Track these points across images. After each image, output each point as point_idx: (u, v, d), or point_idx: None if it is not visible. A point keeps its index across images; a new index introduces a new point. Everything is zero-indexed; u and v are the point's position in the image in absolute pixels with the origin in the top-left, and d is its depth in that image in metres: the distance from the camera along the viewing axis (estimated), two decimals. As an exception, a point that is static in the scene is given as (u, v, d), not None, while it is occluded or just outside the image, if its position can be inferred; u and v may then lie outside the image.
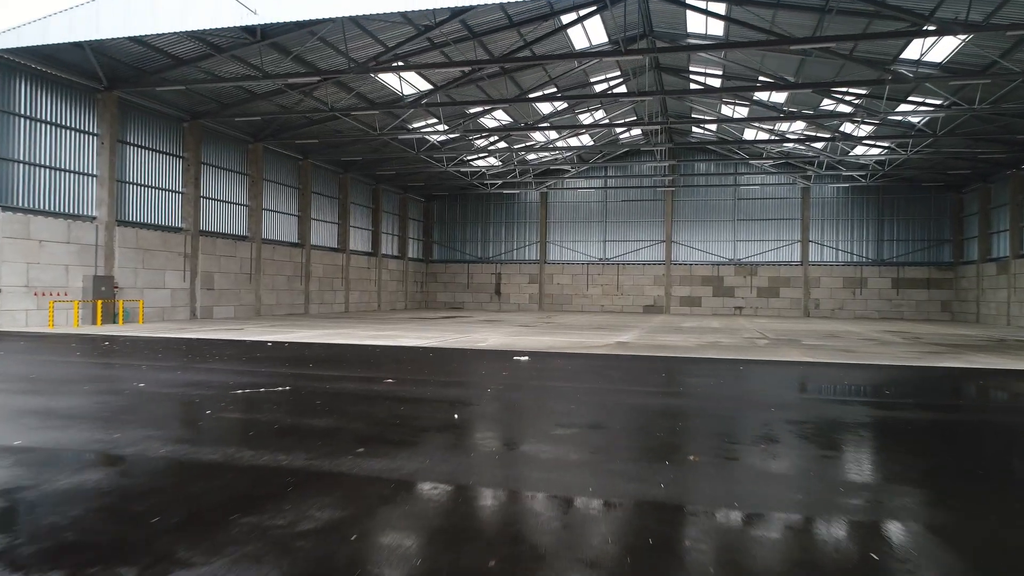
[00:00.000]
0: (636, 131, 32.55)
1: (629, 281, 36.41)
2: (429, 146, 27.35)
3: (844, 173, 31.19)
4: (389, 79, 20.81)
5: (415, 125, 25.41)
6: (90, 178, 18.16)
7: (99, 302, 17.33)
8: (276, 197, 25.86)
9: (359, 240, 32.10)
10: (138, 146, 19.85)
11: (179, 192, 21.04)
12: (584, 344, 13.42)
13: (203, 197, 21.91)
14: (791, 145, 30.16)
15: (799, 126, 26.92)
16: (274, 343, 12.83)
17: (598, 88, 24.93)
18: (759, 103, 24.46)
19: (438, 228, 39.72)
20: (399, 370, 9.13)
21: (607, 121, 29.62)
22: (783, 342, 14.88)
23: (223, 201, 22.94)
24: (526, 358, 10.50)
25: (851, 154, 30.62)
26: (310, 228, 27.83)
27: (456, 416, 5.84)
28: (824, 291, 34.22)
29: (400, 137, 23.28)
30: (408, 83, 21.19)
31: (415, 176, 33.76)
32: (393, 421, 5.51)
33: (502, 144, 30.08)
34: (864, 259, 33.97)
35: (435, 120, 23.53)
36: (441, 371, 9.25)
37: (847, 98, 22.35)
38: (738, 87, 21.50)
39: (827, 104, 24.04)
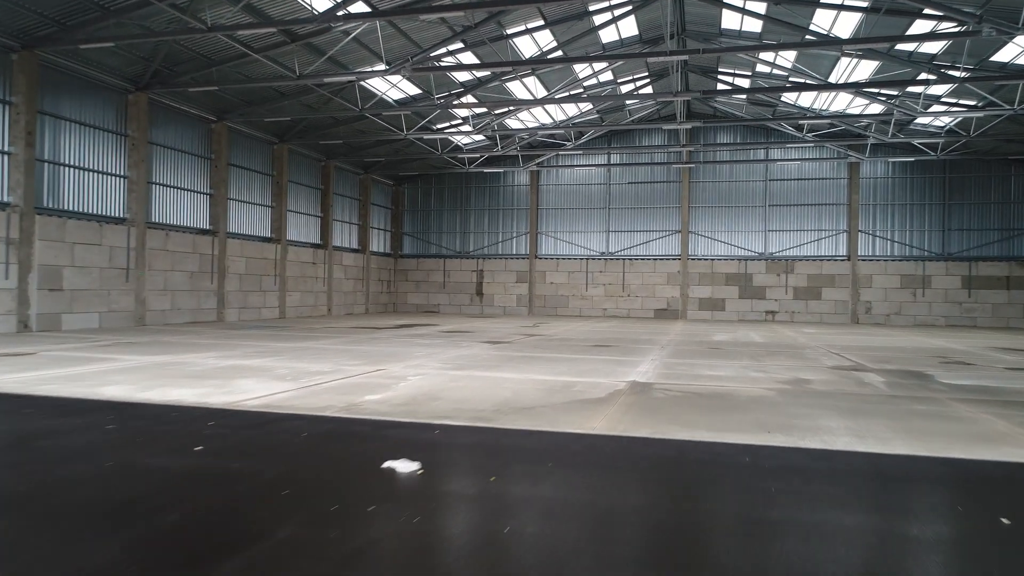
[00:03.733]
0: (647, 93, 26.20)
1: (637, 280, 30.11)
2: (376, 101, 21.05)
3: (914, 141, 24.75)
4: (299, -10, 14.60)
5: (360, 71, 19.16)
6: None
7: None
8: (174, 168, 19.61)
9: (302, 228, 25.85)
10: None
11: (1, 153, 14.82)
12: (570, 392, 7.17)
13: (44, 161, 15.68)
14: (841, 106, 23.81)
15: (861, 75, 20.51)
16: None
17: (598, 20, 18.57)
18: (813, 40, 18.11)
19: (409, 217, 33.43)
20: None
21: (610, 76, 23.30)
22: (905, 377, 8.61)
23: (82, 168, 16.69)
24: (414, 468, 4.20)
25: (915, 121, 24.30)
26: (228, 211, 21.58)
27: None
28: (877, 292, 27.88)
29: (327, 80, 17.01)
30: (329, -2, 14.96)
31: (373, 149, 27.48)
32: None
33: (477, 108, 23.77)
34: (927, 253, 27.61)
35: (380, 64, 17.24)
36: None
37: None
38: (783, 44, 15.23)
39: (903, 46, 17.73)
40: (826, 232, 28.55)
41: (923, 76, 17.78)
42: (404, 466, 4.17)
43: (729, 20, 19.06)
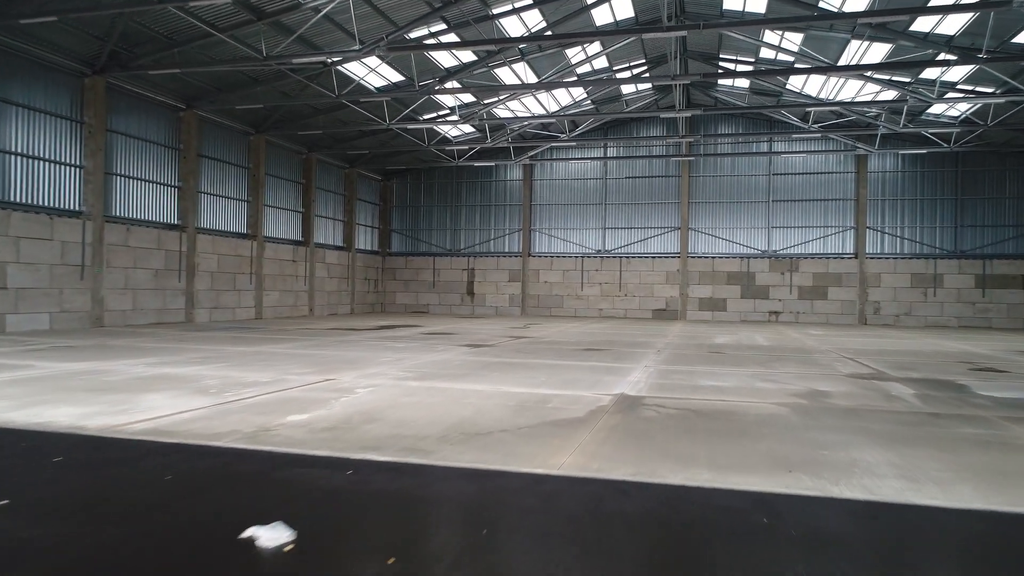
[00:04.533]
0: (644, 84, 24.94)
1: (635, 279, 28.80)
2: (354, 87, 19.74)
3: (926, 131, 23.43)
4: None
5: (333, 51, 17.88)
6: None
7: None
8: (138, 159, 18.32)
9: (282, 224, 24.56)
10: None
11: (-64, 137, 13.54)
12: (543, 410, 5.85)
13: (-13, 148, 14.40)
14: (850, 95, 22.50)
15: (873, 59, 19.20)
16: None
17: (591, -1, 17.26)
18: (823, 13, 16.80)
19: (397, 213, 32.12)
20: None
21: (605, 63, 21.99)
22: (937, 388, 7.27)
23: (31, 157, 15.40)
24: (284, 540, 2.92)
25: (928, 111, 23.02)
26: (198, 205, 20.30)
27: None
28: (886, 291, 26.57)
29: (296, 62, 15.72)
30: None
31: (357, 141, 26.19)
32: None
33: (463, 94, 22.49)
34: (939, 250, 26.29)
35: (355, 44, 15.94)
36: None
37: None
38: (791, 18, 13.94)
39: (919, 26, 16.44)
40: (832, 229, 27.25)
41: (942, 56, 16.46)
42: (272, 536, 2.88)
43: (731, 0, 17.81)
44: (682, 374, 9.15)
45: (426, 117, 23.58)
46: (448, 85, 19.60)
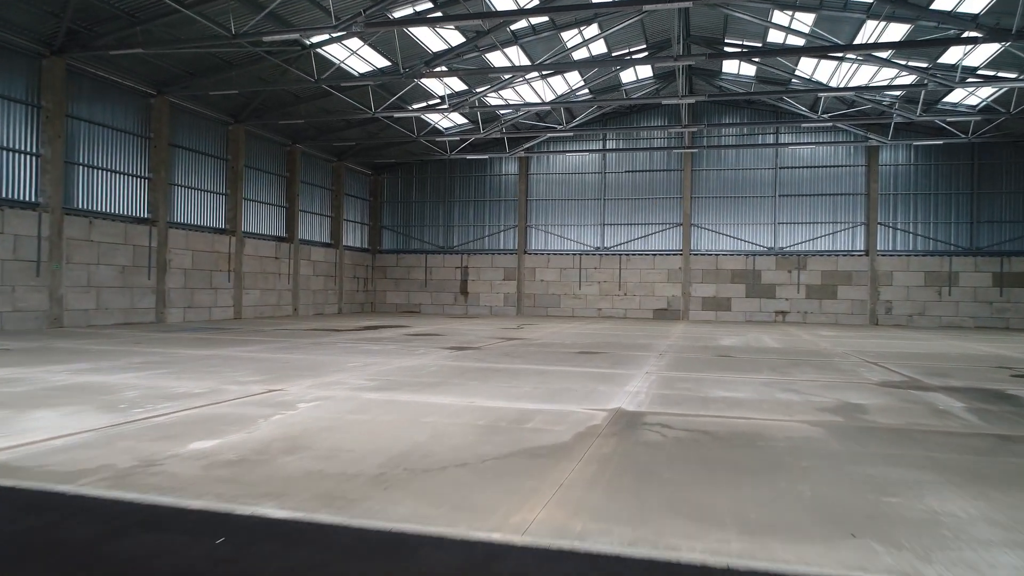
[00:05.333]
0: (645, 72, 23.75)
1: (635, 277, 27.58)
2: (335, 71, 18.50)
3: (941, 120, 22.20)
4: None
5: (306, 28, 16.69)
6: None
7: None
8: (102, 148, 17.11)
9: (264, 219, 23.34)
10: None
11: None
12: (519, 433, 4.60)
13: (-74, 132, 13.18)
14: (863, 82, 21.27)
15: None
16: None
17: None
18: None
19: (388, 209, 30.89)
20: None
21: (604, 48, 20.77)
22: (986, 400, 6.10)
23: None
24: None
25: (944, 100, 21.81)
26: (170, 198, 19.09)
27: None
28: (898, 290, 25.34)
29: (267, 39, 14.51)
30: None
31: (344, 132, 24.97)
32: None
33: (449, 77, 21.28)
34: (954, 247, 25.06)
35: (331, 20, 14.70)
36: None
37: None
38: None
39: (940, 3, 15.21)
40: (842, 225, 26.02)
41: (967, 34, 15.23)
42: None
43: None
44: (688, 382, 7.93)
45: (415, 106, 22.36)
46: (437, 69, 18.36)
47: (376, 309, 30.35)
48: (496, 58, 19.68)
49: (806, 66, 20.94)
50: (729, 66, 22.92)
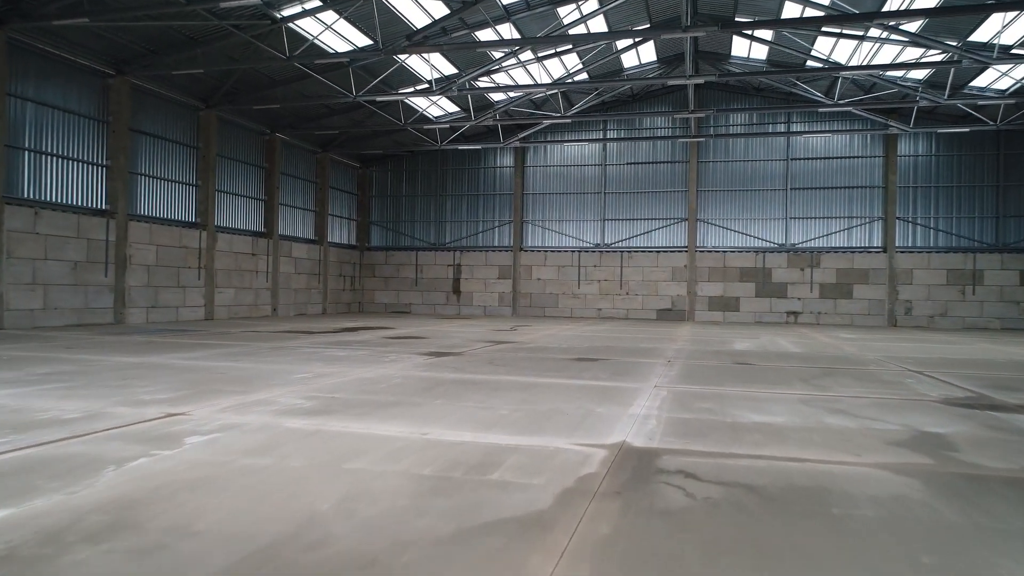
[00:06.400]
0: (649, 56, 22.17)
1: (637, 275, 25.99)
2: (308, 47, 16.91)
3: (963, 104, 20.57)
4: None
5: (286, 12, 15.12)
6: None
7: None
8: (52, 132, 15.55)
9: (240, 213, 21.76)
10: None
11: None
12: (479, 493, 3.03)
13: None
14: (886, 60, 19.64)
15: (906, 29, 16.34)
16: None
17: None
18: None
19: (377, 204, 29.30)
20: None
21: (604, 27, 19.18)
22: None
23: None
24: None
25: (970, 84, 20.24)
26: (132, 187, 17.54)
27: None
28: (918, 289, 23.74)
29: (224, 6, 12.93)
30: None
31: (326, 120, 23.38)
32: None
33: (443, 65, 19.70)
34: (978, 243, 23.46)
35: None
36: None
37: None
38: None
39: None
40: (858, 220, 24.41)
41: None
42: None
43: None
44: (709, 400, 6.35)
45: (401, 91, 20.77)
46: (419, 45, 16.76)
47: (364, 309, 28.78)
48: (487, 36, 18.12)
49: (823, 46, 19.35)
50: (739, 49, 21.36)
